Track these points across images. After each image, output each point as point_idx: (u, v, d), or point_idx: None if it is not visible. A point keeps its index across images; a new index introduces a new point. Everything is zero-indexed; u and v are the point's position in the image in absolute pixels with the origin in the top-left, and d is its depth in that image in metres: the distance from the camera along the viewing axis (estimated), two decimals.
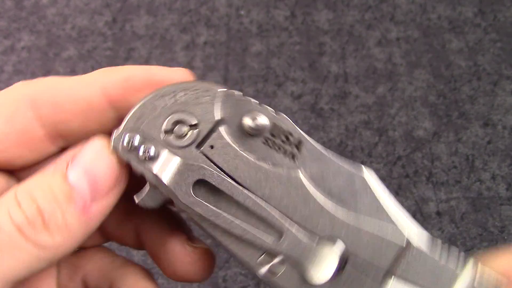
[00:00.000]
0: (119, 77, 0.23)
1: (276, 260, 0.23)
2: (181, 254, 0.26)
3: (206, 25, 0.67)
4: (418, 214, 0.51)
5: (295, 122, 0.25)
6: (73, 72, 0.63)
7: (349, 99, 0.59)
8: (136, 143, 0.22)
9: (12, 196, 0.20)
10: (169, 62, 0.63)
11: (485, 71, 0.62)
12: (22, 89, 0.24)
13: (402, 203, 0.52)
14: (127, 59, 0.63)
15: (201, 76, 0.62)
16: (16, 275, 0.19)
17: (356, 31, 0.66)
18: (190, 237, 0.26)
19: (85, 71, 0.65)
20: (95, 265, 0.26)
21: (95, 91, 0.23)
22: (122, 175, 0.22)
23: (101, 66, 0.63)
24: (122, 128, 0.22)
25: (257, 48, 0.64)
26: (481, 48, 0.64)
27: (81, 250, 0.27)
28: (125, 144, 0.22)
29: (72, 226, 0.20)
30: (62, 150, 0.24)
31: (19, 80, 0.26)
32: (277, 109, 0.24)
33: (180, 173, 0.22)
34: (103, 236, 0.27)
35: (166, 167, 0.22)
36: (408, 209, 0.52)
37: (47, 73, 0.62)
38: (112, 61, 0.63)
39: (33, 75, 0.62)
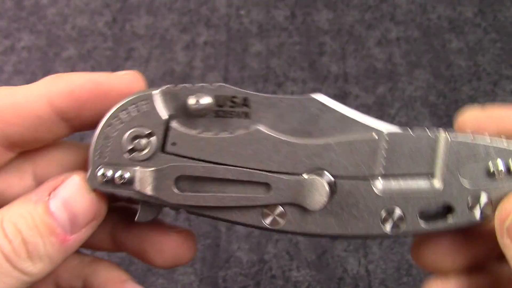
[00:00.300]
0: (64, 88, 0.24)
1: (275, 210, 0.24)
2: (168, 241, 0.27)
3: (206, 25, 0.67)
4: None
5: None
6: (73, 72, 0.63)
7: (349, 99, 0.59)
8: (109, 174, 0.24)
9: None
10: (169, 62, 0.63)
11: (485, 71, 0.62)
12: None
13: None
14: (127, 59, 0.63)
15: (201, 76, 0.62)
16: None
17: (356, 31, 0.66)
18: (165, 225, 0.28)
19: (85, 71, 0.65)
20: (65, 267, 0.28)
21: (42, 103, 0.24)
22: (101, 209, 0.24)
23: (101, 66, 0.63)
24: (91, 168, 0.24)
25: (257, 48, 0.64)
26: (481, 48, 0.64)
27: None
28: (100, 180, 0.24)
29: (52, 255, 0.23)
30: (20, 154, 0.25)
31: (19, 80, 0.26)
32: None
33: (158, 179, 0.23)
34: None
35: (144, 181, 0.23)
36: None
37: (47, 73, 0.62)
38: (112, 61, 0.63)
39: (33, 75, 0.62)
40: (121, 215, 0.28)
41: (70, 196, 0.23)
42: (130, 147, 0.24)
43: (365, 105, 0.59)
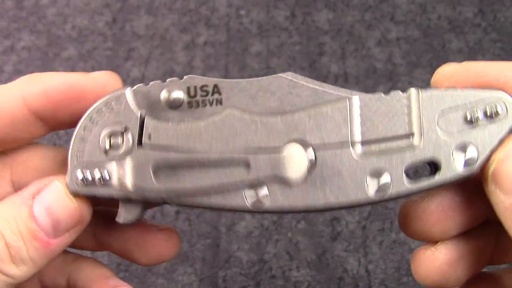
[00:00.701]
0: (39, 88, 0.24)
1: (259, 190, 0.24)
2: (152, 240, 0.28)
3: (206, 25, 0.67)
4: None
5: None
6: (73, 72, 0.63)
7: None
8: (89, 176, 0.24)
9: None
10: (169, 62, 0.63)
11: None
12: None
13: (401, 203, 0.52)
14: (127, 59, 0.63)
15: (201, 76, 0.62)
16: None
17: (356, 31, 0.66)
18: (148, 223, 0.28)
19: (85, 71, 0.65)
20: (48, 265, 0.28)
21: (17, 103, 0.24)
22: (85, 213, 0.24)
23: (101, 66, 0.63)
24: (69, 172, 0.24)
25: (257, 48, 0.64)
26: (481, 48, 0.64)
27: None
28: (80, 183, 0.24)
29: (35, 259, 0.23)
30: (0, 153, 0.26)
31: None
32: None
33: (137, 174, 0.24)
34: None
35: (124, 178, 0.24)
36: None
37: None
38: (112, 61, 0.63)
39: None
40: (103, 216, 0.28)
41: (53, 202, 0.23)
42: (107, 146, 0.24)
43: None
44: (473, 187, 0.25)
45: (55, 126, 0.26)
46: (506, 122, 0.23)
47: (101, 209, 0.28)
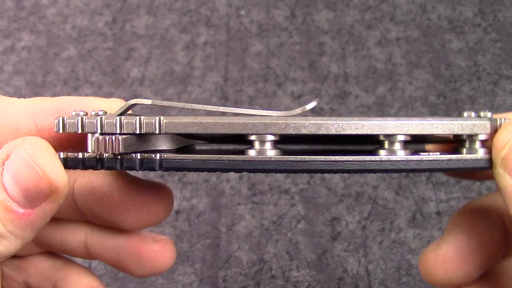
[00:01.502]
0: (50, 108, 0.23)
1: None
2: (146, 252, 0.27)
3: (206, 25, 0.67)
4: (418, 214, 0.51)
5: None
6: (73, 72, 0.63)
7: (349, 99, 0.59)
8: (81, 113, 0.22)
9: None
10: (169, 62, 0.63)
11: (485, 71, 0.62)
12: None
13: (402, 203, 0.52)
14: (127, 59, 0.63)
15: (201, 76, 0.62)
16: None
17: (356, 31, 0.66)
18: (142, 234, 0.27)
19: (85, 71, 0.65)
20: (36, 268, 0.27)
21: (26, 117, 0.23)
22: (58, 182, 0.21)
23: (101, 66, 0.63)
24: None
25: (257, 48, 0.64)
26: (481, 48, 0.64)
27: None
28: (73, 115, 0.22)
29: (15, 232, 0.21)
30: None
31: (19, 80, 0.26)
32: (277, 109, 0.23)
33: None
34: (46, 247, 0.28)
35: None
36: (408, 209, 0.52)
37: (47, 73, 0.62)
38: (112, 61, 0.63)
39: (33, 75, 0.62)
40: (96, 225, 0.27)
41: (18, 169, 0.20)
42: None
43: (365, 105, 0.59)
44: (487, 226, 0.25)
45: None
46: None
47: (94, 219, 0.27)
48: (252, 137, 0.22)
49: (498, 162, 0.22)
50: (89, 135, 0.21)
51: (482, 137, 0.23)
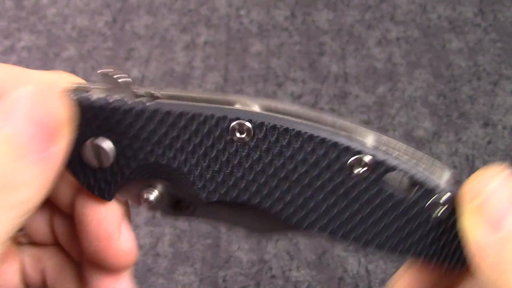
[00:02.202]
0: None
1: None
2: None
3: (206, 25, 0.67)
4: None
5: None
6: (73, 72, 0.63)
7: (349, 99, 0.59)
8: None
9: None
10: (169, 62, 0.63)
11: (485, 71, 0.62)
12: None
13: None
14: (127, 59, 0.63)
15: (201, 76, 0.62)
16: (8, 231, 0.19)
17: (356, 31, 0.66)
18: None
19: (85, 71, 0.65)
20: (52, 260, 0.27)
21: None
22: (69, 114, 0.21)
23: (101, 66, 0.63)
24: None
25: (257, 48, 0.64)
26: (481, 48, 0.64)
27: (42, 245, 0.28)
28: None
29: (33, 178, 0.20)
30: None
31: None
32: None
33: None
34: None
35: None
36: None
37: None
38: (112, 61, 0.63)
39: None
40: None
41: (32, 105, 0.20)
42: None
43: (365, 105, 0.59)
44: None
45: None
46: None
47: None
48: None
49: (468, 211, 0.21)
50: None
51: None
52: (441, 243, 0.22)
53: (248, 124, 0.20)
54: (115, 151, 0.22)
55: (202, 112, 0.21)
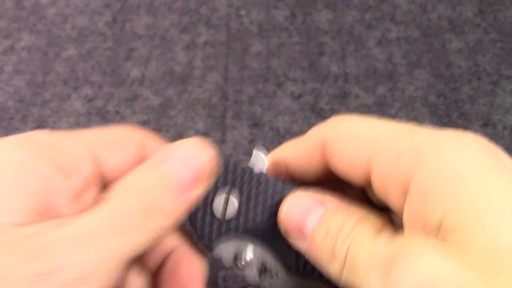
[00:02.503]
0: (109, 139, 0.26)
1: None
2: None
3: (206, 25, 0.67)
4: None
5: (295, 122, 0.25)
6: (73, 72, 0.63)
7: (349, 99, 0.59)
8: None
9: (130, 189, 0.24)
10: (169, 62, 0.63)
11: (485, 71, 0.62)
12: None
13: None
14: (127, 59, 0.63)
15: (201, 76, 0.62)
16: (133, 252, 0.22)
17: (356, 31, 0.66)
18: None
19: (85, 71, 0.65)
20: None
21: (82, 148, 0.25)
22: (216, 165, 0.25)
23: (101, 66, 0.63)
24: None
25: (257, 48, 0.64)
26: (481, 48, 0.64)
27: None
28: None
29: (174, 210, 0.24)
30: None
31: (19, 80, 0.26)
32: (277, 109, 0.24)
33: None
34: None
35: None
36: None
37: (47, 73, 0.62)
38: (112, 61, 0.63)
39: (33, 75, 0.62)
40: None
41: (192, 150, 0.24)
42: None
43: (365, 105, 0.59)
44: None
45: None
46: None
47: None
48: None
49: (293, 233, 0.25)
50: None
51: None
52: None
53: None
54: (238, 208, 0.27)
55: None
